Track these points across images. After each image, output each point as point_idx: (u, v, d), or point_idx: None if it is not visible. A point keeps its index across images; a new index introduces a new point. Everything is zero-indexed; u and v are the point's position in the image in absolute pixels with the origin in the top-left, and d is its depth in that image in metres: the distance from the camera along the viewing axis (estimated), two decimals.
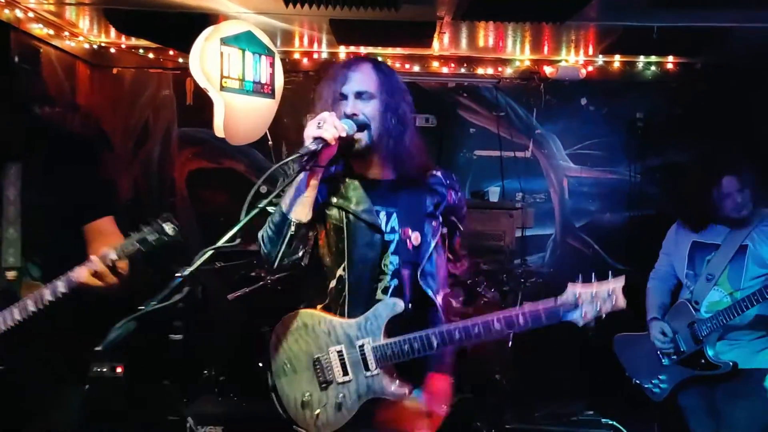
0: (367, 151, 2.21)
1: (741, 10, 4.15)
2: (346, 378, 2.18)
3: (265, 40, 4.74)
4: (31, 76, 4.77)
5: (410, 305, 2.21)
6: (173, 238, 2.07)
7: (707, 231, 3.36)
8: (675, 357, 3.33)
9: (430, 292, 2.22)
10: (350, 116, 2.15)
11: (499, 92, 5.82)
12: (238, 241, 1.80)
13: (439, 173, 2.34)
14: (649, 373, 3.42)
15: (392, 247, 2.24)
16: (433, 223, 2.28)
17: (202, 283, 4.84)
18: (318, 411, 2.20)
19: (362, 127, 2.16)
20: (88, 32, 5.40)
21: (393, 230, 2.24)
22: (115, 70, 5.81)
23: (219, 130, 4.42)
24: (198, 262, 1.72)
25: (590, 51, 5.49)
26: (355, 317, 2.20)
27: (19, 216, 2.30)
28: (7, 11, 4.44)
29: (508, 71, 5.78)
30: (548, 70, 5.65)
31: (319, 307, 2.28)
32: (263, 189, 1.85)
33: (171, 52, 5.63)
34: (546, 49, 5.52)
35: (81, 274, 2.14)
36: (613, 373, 3.58)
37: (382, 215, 2.24)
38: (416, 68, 5.78)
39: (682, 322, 3.31)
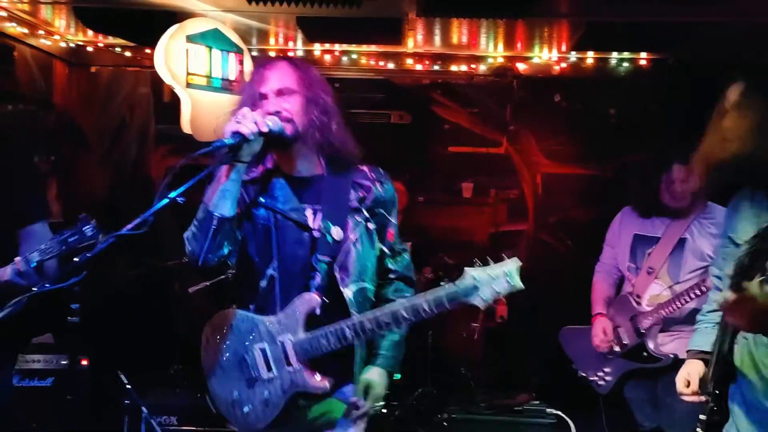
0: (293, 145, 2.23)
1: (708, 5, 4.16)
2: (271, 374, 2.21)
3: (234, 37, 4.78)
4: (3, 75, 4.83)
5: (327, 300, 2.23)
6: (92, 238, 2.12)
7: (649, 223, 3.38)
8: (618, 350, 3.36)
9: (341, 286, 2.24)
10: (274, 113, 2.18)
11: (472, 89, 5.83)
12: (143, 230, 1.83)
13: (365, 168, 2.37)
14: (593, 366, 3.44)
15: (319, 243, 2.27)
16: (356, 218, 2.30)
17: (180, 278, 4.92)
18: (247, 408, 2.24)
19: (286, 121, 2.19)
20: (64, 31, 5.45)
21: (320, 227, 2.27)
22: (92, 69, 5.86)
23: (186, 126, 4.47)
24: (99, 248, 1.76)
25: (563, 47, 5.51)
26: None
27: None
28: None
29: (482, 68, 5.79)
30: (521, 66, 5.67)
31: (251, 307, 2.30)
32: None
33: (147, 51, 5.67)
34: (519, 45, 5.54)
35: (5, 273, 2.19)
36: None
37: (309, 212, 2.27)
38: (390, 65, 5.81)
39: (624, 315, 3.33)
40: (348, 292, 2.25)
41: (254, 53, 5.60)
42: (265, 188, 2.27)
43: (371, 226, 2.33)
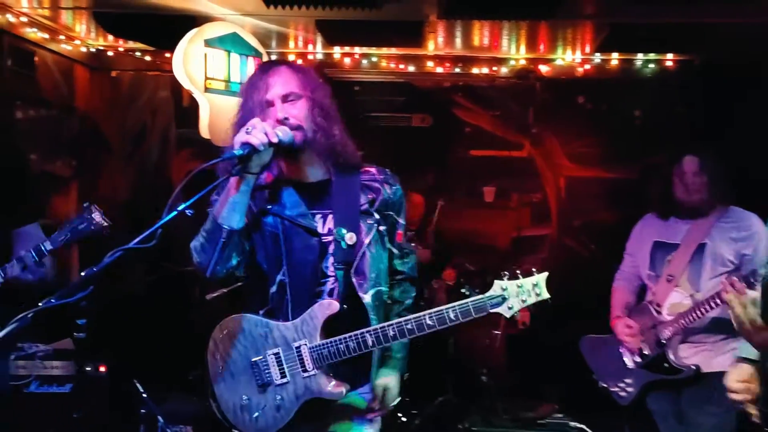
0: (303, 151, 2.20)
1: (733, 4, 4.06)
2: (284, 380, 2.18)
3: (253, 41, 4.76)
4: (24, 80, 4.86)
5: (345, 305, 2.20)
6: (100, 224, 2.12)
7: (668, 229, 3.28)
8: (639, 360, 3.26)
9: (359, 291, 2.21)
10: (282, 121, 2.14)
11: (494, 91, 5.76)
12: (153, 242, 1.80)
13: (372, 169, 2.34)
14: (615, 377, 3.34)
15: (330, 248, 2.23)
16: (368, 221, 2.27)
17: (200, 284, 4.91)
18: (257, 414, 2.21)
19: (294, 129, 2.15)
20: (85, 36, 5.49)
21: (330, 232, 2.24)
22: (113, 73, 5.89)
23: (204, 130, 4.46)
24: (106, 262, 1.73)
25: (587, 49, 5.42)
26: None
27: None
28: None
29: (504, 70, 5.72)
30: (544, 68, 5.59)
31: (261, 313, 2.27)
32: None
33: (167, 55, 5.68)
34: (542, 47, 5.46)
35: (12, 269, 2.23)
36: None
37: (318, 218, 2.24)
38: (411, 68, 5.75)
39: (644, 324, 3.23)
40: (366, 297, 2.22)
41: (273, 57, 5.59)
42: (272, 196, 2.25)
43: (382, 228, 2.30)
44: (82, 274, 1.69)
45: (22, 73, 4.83)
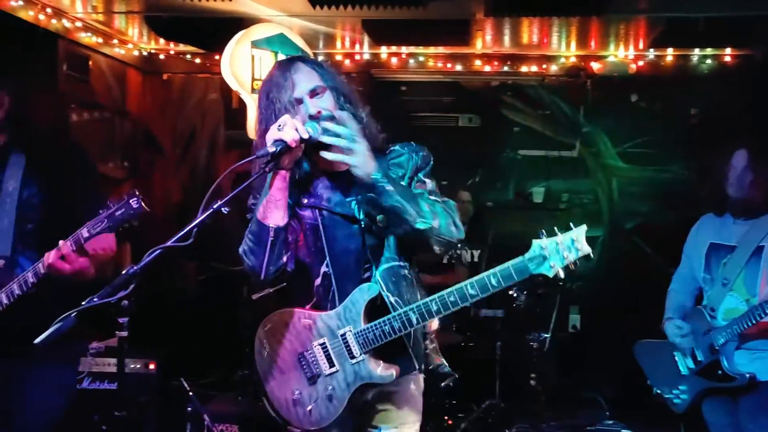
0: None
1: None
2: (333, 369, 2.18)
3: (300, 42, 4.78)
4: (79, 84, 4.98)
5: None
6: (138, 210, 2.14)
7: (725, 231, 3.13)
8: (692, 366, 3.12)
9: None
10: (314, 116, 2.15)
11: (544, 90, 5.66)
12: (190, 240, 1.82)
13: (396, 146, 2.34)
14: (669, 383, 3.21)
15: (368, 233, 2.24)
16: None
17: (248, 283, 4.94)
18: (310, 407, 2.21)
19: (329, 119, 2.15)
20: (137, 40, 5.61)
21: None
22: (164, 76, 5.99)
23: (252, 131, 4.49)
24: (146, 261, 1.74)
25: (640, 45, 5.28)
26: None
27: (15, 208, 2.43)
28: (54, 21, 4.65)
29: (553, 68, 5.61)
30: (595, 66, 5.46)
31: (307, 307, 2.27)
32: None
33: (217, 57, 5.76)
34: (593, 44, 5.34)
35: (49, 256, 2.27)
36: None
37: (354, 205, 2.25)
38: (458, 67, 5.70)
39: (698, 329, 3.09)
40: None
41: (321, 57, 5.61)
42: (306, 189, 2.27)
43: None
44: (123, 272, 1.70)
45: (77, 77, 4.96)
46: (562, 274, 1.97)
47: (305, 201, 2.24)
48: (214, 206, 1.88)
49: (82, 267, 2.31)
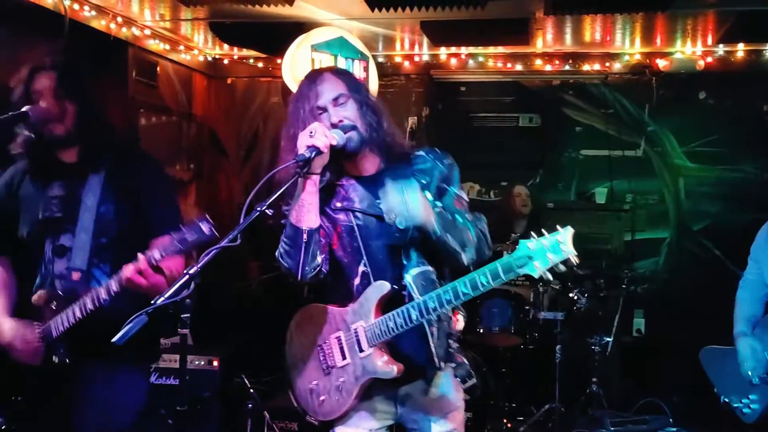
0: (360, 148, 2.28)
1: None
2: (345, 361, 2.28)
3: (359, 45, 4.83)
4: (147, 89, 5.16)
5: (395, 286, 2.27)
6: (210, 237, 2.20)
7: None
8: (765, 375, 3.00)
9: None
10: (336, 125, 2.23)
11: (607, 88, 5.55)
12: (238, 242, 1.89)
13: (422, 152, 2.39)
14: (738, 392, 3.10)
15: (398, 233, 2.28)
16: None
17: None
18: (323, 397, 2.31)
19: (350, 129, 2.24)
20: (203, 45, 5.78)
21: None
22: (228, 80, 6.15)
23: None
24: (203, 261, 1.82)
25: (708, 40, 5.11)
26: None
27: (93, 223, 2.52)
28: (124, 30, 4.83)
29: (617, 66, 5.50)
30: (661, 63, 5.32)
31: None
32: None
33: (279, 61, 5.87)
34: (658, 40, 5.20)
35: (127, 270, 2.30)
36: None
37: (384, 206, 2.30)
38: (518, 67, 5.65)
39: None
40: (413, 273, 2.28)
41: (380, 59, 5.65)
42: (336, 193, 2.35)
43: (439, 204, 2.33)
44: (184, 272, 1.77)
45: (146, 82, 5.14)
46: (549, 276, 1.98)
47: (338, 204, 2.33)
48: (258, 209, 1.98)
49: (158, 283, 2.34)
